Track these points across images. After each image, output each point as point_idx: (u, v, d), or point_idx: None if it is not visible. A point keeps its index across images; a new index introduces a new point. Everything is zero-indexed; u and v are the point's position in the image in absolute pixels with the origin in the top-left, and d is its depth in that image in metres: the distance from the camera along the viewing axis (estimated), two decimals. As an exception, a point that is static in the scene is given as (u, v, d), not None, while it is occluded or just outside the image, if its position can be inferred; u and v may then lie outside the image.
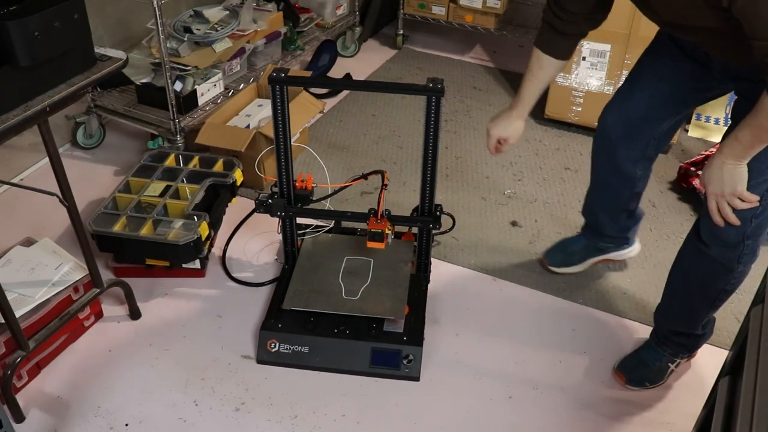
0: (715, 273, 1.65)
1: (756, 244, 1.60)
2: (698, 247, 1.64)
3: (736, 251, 1.59)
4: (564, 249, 2.21)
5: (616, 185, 1.95)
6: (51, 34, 1.41)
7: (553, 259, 2.21)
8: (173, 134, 2.50)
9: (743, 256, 1.60)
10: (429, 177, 1.87)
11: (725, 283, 1.66)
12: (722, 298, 1.71)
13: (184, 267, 2.14)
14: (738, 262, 1.61)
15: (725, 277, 1.65)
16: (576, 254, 2.19)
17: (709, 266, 1.64)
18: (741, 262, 1.62)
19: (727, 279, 1.65)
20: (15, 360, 1.67)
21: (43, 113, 1.46)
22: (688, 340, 1.84)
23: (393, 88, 2.61)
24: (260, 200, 1.98)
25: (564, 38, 1.68)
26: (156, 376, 1.85)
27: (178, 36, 2.60)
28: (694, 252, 1.67)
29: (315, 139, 2.88)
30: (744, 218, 1.52)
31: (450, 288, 2.17)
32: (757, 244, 1.60)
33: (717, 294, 1.69)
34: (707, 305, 1.74)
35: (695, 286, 1.71)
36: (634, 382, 1.86)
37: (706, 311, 1.76)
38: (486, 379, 1.88)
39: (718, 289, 1.68)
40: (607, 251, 2.18)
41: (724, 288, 1.68)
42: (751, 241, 1.58)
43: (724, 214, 1.49)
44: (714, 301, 1.72)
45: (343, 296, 1.95)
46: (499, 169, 2.74)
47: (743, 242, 1.58)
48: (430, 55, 3.66)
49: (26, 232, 2.14)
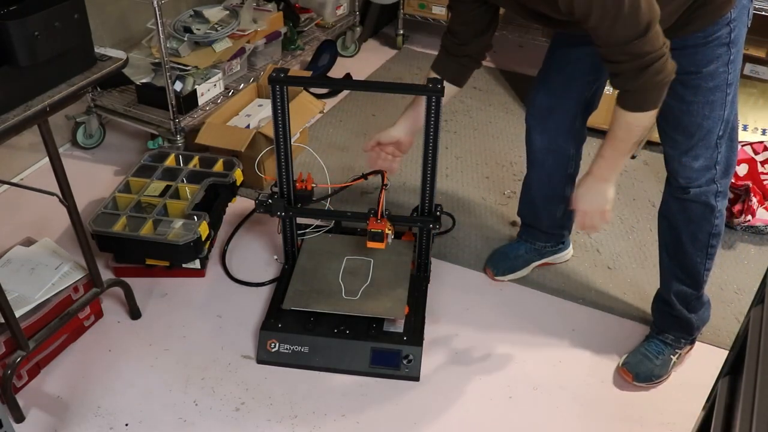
0: (698, 215, 1.73)
1: (727, 183, 1.71)
2: (676, 196, 1.74)
3: (710, 189, 1.69)
4: (507, 256, 2.22)
5: (552, 163, 2.00)
6: (51, 34, 1.41)
7: (498, 268, 2.21)
8: (173, 134, 2.50)
9: (719, 193, 1.70)
10: (429, 177, 1.87)
11: (710, 225, 1.74)
12: (713, 245, 1.77)
13: (184, 267, 2.14)
14: (716, 199, 1.70)
15: (708, 218, 1.73)
16: (519, 258, 2.21)
17: (692, 209, 1.73)
18: (718, 199, 1.71)
19: (710, 220, 1.73)
20: (15, 360, 1.67)
21: (43, 113, 1.46)
22: (688, 314, 1.86)
23: (393, 88, 2.60)
24: (260, 200, 1.99)
25: (454, 61, 1.76)
26: (156, 376, 1.85)
27: (178, 36, 2.61)
28: (673, 203, 1.76)
29: (315, 139, 2.88)
30: (706, 167, 1.65)
31: (450, 288, 2.17)
32: (727, 183, 1.71)
33: (707, 239, 1.76)
34: (702, 254, 1.79)
35: (685, 236, 1.78)
36: (641, 378, 1.87)
37: (703, 262, 1.80)
38: (486, 379, 1.88)
39: (706, 233, 1.75)
40: (545, 254, 2.22)
41: (710, 232, 1.75)
42: (723, 181, 1.69)
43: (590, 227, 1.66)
44: (707, 248, 1.78)
45: (343, 296, 1.95)
46: (499, 169, 2.74)
47: (714, 183, 1.68)
48: (430, 55, 3.61)
49: (26, 232, 2.14)
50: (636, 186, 2.68)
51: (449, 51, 1.76)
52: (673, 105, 1.58)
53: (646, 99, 1.43)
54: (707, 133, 1.62)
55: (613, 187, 1.59)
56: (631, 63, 1.36)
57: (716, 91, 1.57)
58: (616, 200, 2.59)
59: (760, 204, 2.39)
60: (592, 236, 2.37)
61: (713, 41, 1.52)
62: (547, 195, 2.08)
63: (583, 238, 2.37)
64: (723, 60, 1.55)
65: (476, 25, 1.69)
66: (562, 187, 2.05)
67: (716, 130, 1.62)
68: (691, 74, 1.54)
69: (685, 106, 1.60)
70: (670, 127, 1.66)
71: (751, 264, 2.31)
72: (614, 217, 2.50)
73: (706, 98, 1.58)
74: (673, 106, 1.58)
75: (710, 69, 1.55)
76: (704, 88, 1.57)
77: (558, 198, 2.07)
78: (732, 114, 1.62)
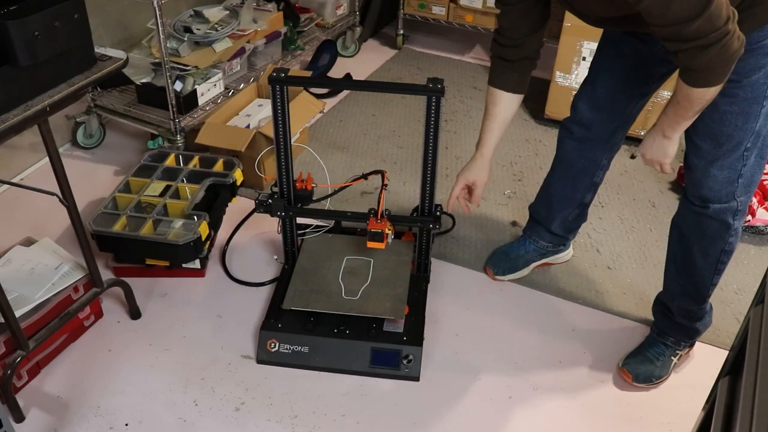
0: (713, 231, 1.69)
1: (747, 201, 1.66)
2: (694, 209, 1.69)
3: (730, 207, 1.64)
4: (507, 256, 2.22)
5: (579, 169, 1.97)
6: (51, 34, 1.41)
7: (498, 267, 2.20)
8: (173, 134, 2.50)
9: (737, 212, 1.65)
10: (429, 177, 1.87)
11: (724, 242, 1.70)
12: (723, 261, 1.73)
13: (184, 267, 2.14)
14: (734, 218, 1.66)
15: (723, 236, 1.69)
16: (520, 259, 2.21)
17: (707, 225, 1.68)
18: (736, 219, 1.66)
19: (725, 237, 1.69)
20: (15, 360, 1.67)
21: (43, 113, 1.46)
22: (690, 323, 1.85)
23: (393, 88, 2.61)
24: (260, 200, 1.98)
25: (513, 68, 1.70)
26: (156, 376, 1.85)
27: (178, 36, 2.61)
28: (690, 215, 1.71)
29: (315, 139, 2.88)
30: (730, 179, 1.60)
31: (450, 288, 2.17)
32: (747, 201, 1.66)
33: (718, 256, 1.72)
34: (711, 270, 1.75)
35: (696, 250, 1.74)
36: (642, 379, 1.86)
37: (711, 277, 1.77)
38: (486, 379, 1.88)
39: (718, 250, 1.71)
40: (546, 254, 2.21)
41: (723, 248, 1.71)
42: (743, 198, 1.64)
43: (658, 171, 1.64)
44: (716, 264, 1.74)
45: (343, 296, 1.95)
46: (499, 169, 2.74)
47: (735, 200, 1.63)
48: (430, 55, 3.66)
49: (26, 232, 2.14)
50: (636, 186, 2.68)
51: (505, 58, 1.69)
52: (705, 112, 1.48)
53: (709, 77, 1.35)
54: (737, 144, 1.55)
55: (674, 145, 1.55)
56: (692, 42, 1.28)
57: (753, 102, 1.49)
58: (616, 200, 2.60)
59: (760, 204, 2.39)
60: (592, 237, 2.37)
61: (758, 49, 1.43)
62: (565, 197, 2.06)
63: (582, 238, 2.37)
64: (766, 70, 1.45)
65: (529, 20, 1.62)
66: (583, 193, 2.03)
67: (745, 142, 1.54)
68: (730, 82, 1.42)
69: (718, 114, 1.52)
70: (697, 134, 1.59)
71: (751, 264, 2.31)
72: (614, 217, 2.50)
73: (741, 108, 1.50)
74: (704, 114, 1.49)
75: (752, 79, 1.46)
76: (741, 98, 1.49)
77: (576, 202, 2.05)
78: (765, 128, 1.54)
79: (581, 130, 1.91)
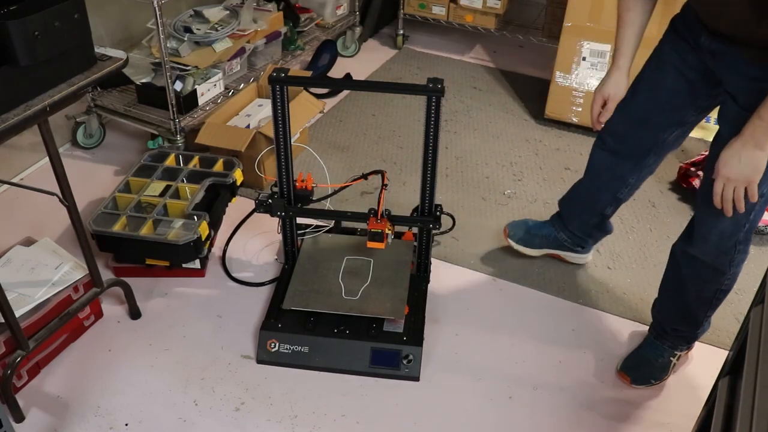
0: (708, 276, 1.68)
1: (746, 248, 1.62)
2: (689, 253, 1.67)
3: (728, 256, 1.61)
4: (528, 229, 2.23)
5: (605, 181, 1.96)
6: (51, 34, 1.41)
7: (516, 232, 2.22)
8: (173, 134, 2.50)
9: (735, 259, 1.63)
10: (429, 177, 1.87)
11: (719, 284, 1.69)
12: (719, 297, 1.74)
13: (184, 267, 2.14)
14: (730, 266, 1.64)
15: (719, 279, 1.68)
16: (536, 239, 2.22)
17: (702, 270, 1.67)
18: (733, 265, 1.64)
19: (720, 281, 1.68)
20: (15, 360, 1.67)
21: (43, 113, 1.46)
22: (687, 334, 1.86)
23: (393, 88, 2.61)
24: (260, 200, 1.99)
25: None
26: (156, 376, 1.85)
27: (178, 36, 2.61)
28: (685, 259, 1.70)
29: (315, 139, 2.88)
30: (738, 223, 1.54)
31: (450, 288, 2.17)
32: (747, 247, 1.62)
33: (713, 294, 1.72)
34: (705, 306, 1.77)
35: (691, 290, 1.74)
36: (640, 381, 1.86)
37: (705, 311, 1.78)
38: (486, 379, 1.88)
39: (713, 290, 1.71)
40: (562, 247, 2.21)
41: (719, 288, 1.71)
42: (742, 246, 1.61)
43: (725, 200, 1.42)
44: (711, 301, 1.74)
45: (343, 296, 1.95)
46: (499, 169, 2.74)
47: (735, 247, 1.60)
48: (430, 55, 3.66)
49: (26, 231, 2.14)
50: (636, 186, 2.68)
51: None
52: None
53: None
54: None
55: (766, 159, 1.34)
56: None
57: None
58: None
59: (760, 204, 2.39)
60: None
61: None
62: (587, 204, 2.06)
63: (583, 238, 2.37)
64: None
65: None
66: (605, 205, 2.02)
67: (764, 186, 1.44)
68: None
69: None
70: None
71: (751, 264, 2.30)
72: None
73: None
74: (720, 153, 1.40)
75: None
76: None
77: (595, 212, 2.05)
78: None
79: (614, 141, 1.87)
